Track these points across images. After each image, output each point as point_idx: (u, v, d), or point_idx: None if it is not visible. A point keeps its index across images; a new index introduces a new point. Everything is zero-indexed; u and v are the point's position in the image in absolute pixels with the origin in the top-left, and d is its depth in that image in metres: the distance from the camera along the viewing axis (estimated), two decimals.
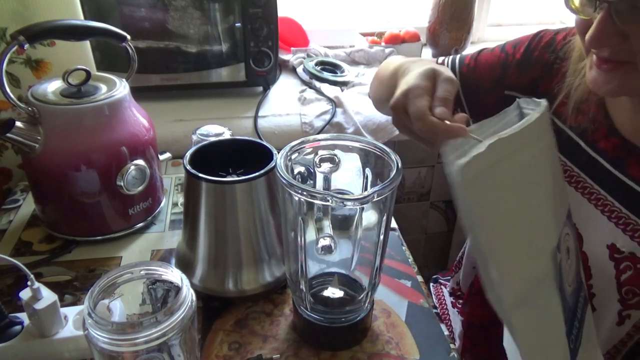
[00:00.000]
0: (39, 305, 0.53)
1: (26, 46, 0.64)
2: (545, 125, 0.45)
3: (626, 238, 0.58)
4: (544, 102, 0.45)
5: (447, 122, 0.50)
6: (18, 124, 0.67)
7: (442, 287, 0.98)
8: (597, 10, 0.49)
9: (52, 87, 0.71)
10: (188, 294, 0.45)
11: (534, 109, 0.46)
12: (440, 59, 0.80)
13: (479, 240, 0.39)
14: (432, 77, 0.57)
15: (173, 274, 0.47)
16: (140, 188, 0.75)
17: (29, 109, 0.67)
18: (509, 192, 0.41)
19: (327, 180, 0.60)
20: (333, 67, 1.27)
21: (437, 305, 0.95)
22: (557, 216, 0.47)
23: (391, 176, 0.51)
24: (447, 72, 0.57)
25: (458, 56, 0.79)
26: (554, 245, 0.45)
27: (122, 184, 0.72)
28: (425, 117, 0.52)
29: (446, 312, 0.93)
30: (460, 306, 0.90)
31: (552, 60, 0.67)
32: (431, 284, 1.00)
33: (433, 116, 0.51)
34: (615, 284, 0.59)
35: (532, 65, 0.69)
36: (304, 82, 1.24)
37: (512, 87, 0.71)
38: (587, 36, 0.50)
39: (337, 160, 0.59)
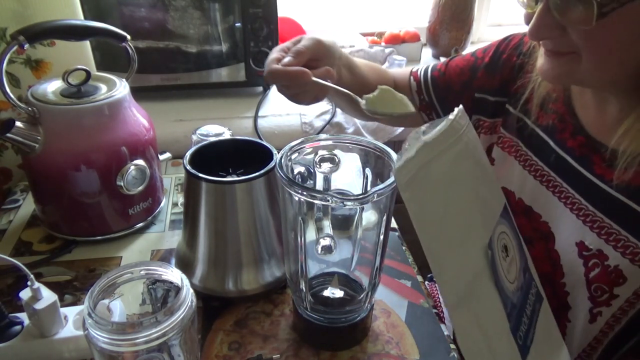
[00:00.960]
0: (39, 305, 0.53)
1: (26, 46, 0.64)
2: (462, 127, 0.48)
3: (593, 235, 0.58)
4: (459, 107, 0.48)
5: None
6: (18, 124, 0.67)
7: (436, 285, 0.99)
8: (538, 4, 0.51)
9: (52, 87, 0.71)
10: (188, 294, 0.45)
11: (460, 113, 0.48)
12: (415, 68, 0.84)
13: (421, 239, 0.43)
14: (298, 40, 0.65)
15: (173, 274, 0.47)
16: (140, 188, 0.75)
17: (29, 109, 0.67)
18: (439, 192, 0.45)
19: (327, 180, 0.60)
20: None
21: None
22: (486, 215, 0.49)
23: (391, 176, 0.51)
24: (315, 35, 0.66)
25: (431, 64, 0.82)
26: (485, 243, 0.47)
27: (122, 184, 0.72)
28: (269, 66, 0.61)
29: (441, 310, 0.93)
30: None
31: (520, 61, 0.69)
32: (426, 282, 1.01)
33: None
34: (584, 281, 0.59)
35: (500, 68, 0.72)
36: None
37: (481, 89, 0.74)
38: (528, 28, 0.52)
39: (337, 160, 0.59)
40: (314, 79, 0.59)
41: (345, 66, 0.73)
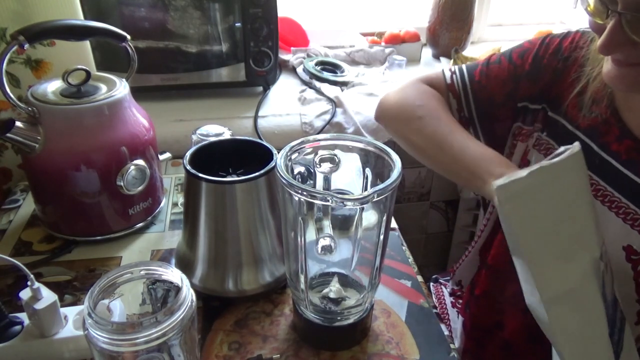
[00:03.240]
0: (39, 305, 0.53)
1: (26, 46, 0.64)
2: (581, 160, 0.50)
3: None
4: (577, 144, 0.50)
5: None
6: (18, 124, 0.67)
7: (442, 286, 0.98)
8: (609, 18, 0.50)
9: (52, 87, 0.71)
10: (188, 294, 0.45)
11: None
12: (448, 73, 0.77)
13: (519, 244, 0.49)
14: None
15: (173, 274, 0.47)
16: (140, 188, 0.75)
17: (29, 109, 0.67)
18: (548, 208, 0.49)
19: (327, 180, 0.60)
20: (333, 67, 1.27)
21: (437, 305, 0.95)
22: (598, 235, 0.51)
23: (391, 176, 0.51)
24: None
25: (466, 71, 0.76)
26: (596, 256, 0.49)
27: (122, 184, 0.72)
28: None
29: (446, 312, 0.93)
30: (460, 306, 0.90)
31: (561, 65, 0.67)
32: (431, 284, 1.01)
33: None
34: (633, 285, 0.59)
35: (542, 74, 0.69)
36: (304, 82, 1.24)
37: (524, 98, 0.71)
38: (599, 43, 0.52)
39: (337, 160, 0.59)
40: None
41: None
